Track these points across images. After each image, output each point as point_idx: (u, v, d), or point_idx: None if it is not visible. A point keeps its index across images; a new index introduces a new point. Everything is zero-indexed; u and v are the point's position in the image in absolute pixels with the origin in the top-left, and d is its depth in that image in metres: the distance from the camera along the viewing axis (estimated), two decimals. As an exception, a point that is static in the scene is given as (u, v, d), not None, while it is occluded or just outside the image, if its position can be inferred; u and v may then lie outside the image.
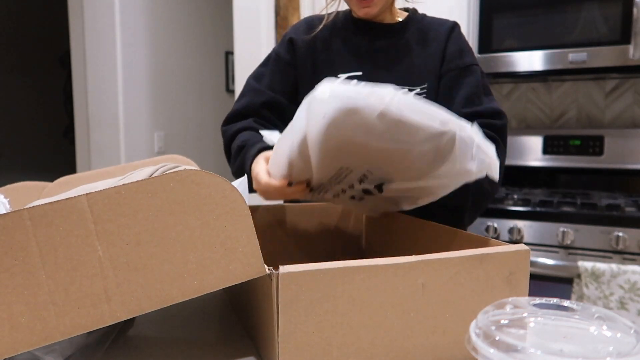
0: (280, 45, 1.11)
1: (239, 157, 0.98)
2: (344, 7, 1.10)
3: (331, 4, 1.10)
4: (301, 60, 1.08)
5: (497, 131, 0.97)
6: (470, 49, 1.05)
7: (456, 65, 1.02)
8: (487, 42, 1.95)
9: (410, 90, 1.02)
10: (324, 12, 1.11)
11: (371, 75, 1.05)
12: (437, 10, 1.20)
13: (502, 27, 1.93)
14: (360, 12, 1.01)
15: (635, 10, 1.72)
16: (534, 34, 1.89)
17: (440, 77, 1.02)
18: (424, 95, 1.03)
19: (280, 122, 1.08)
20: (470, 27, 2.02)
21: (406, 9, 1.11)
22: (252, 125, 1.05)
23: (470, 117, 0.96)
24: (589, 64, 1.81)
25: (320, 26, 1.09)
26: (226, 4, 3.25)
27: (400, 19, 1.08)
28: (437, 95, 1.03)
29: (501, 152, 0.96)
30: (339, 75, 1.06)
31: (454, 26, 1.06)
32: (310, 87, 1.08)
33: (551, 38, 1.86)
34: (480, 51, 1.97)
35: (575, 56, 1.82)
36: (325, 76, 1.07)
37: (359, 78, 1.05)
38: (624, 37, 1.75)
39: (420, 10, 1.13)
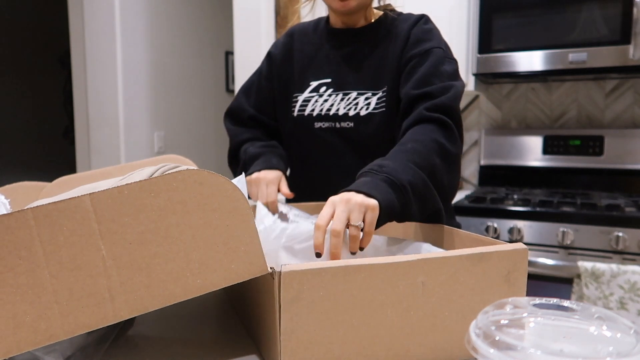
0: (265, 59, 1.19)
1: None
2: (320, 12, 1.15)
3: (306, 3, 1.13)
4: (277, 71, 1.14)
5: (444, 109, 0.93)
6: (434, 35, 1.04)
7: (412, 55, 1.01)
8: (487, 42, 1.96)
9: (373, 94, 1.05)
10: (308, 18, 1.16)
11: (339, 80, 1.08)
12: (438, 10, 1.20)
13: (502, 27, 1.94)
14: (338, 5, 1.00)
15: (635, 10, 1.72)
16: (534, 34, 1.89)
17: (400, 73, 1.03)
18: (384, 100, 1.04)
19: (265, 135, 1.19)
20: (470, 27, 2.02)
21: (384, 8, 1.12)
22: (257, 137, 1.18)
23: (420, 99, 0.96)
24: (589, 64, 1.82)
25: (288, 42, 1.17)
26: (226, 4, 3.26)
27: (374, 20, 1.09)
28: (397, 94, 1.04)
29: (453, 132, 0.93)
30: (310, 83, 1.10)
31: (418, 19, 1.06)
32: (284, 97, 1.13)
33: (551, 38, 1.86)
34: (480, 51, 1.97)
35: (575, 56, 1.83)
36: (298, 83, 1.11)
37: (327, 85, 1.08)
38: (624, 37, 1.76)
39: (421, 11, 1.13)
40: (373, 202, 0.73)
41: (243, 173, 0.89)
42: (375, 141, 1.05)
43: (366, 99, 1.05)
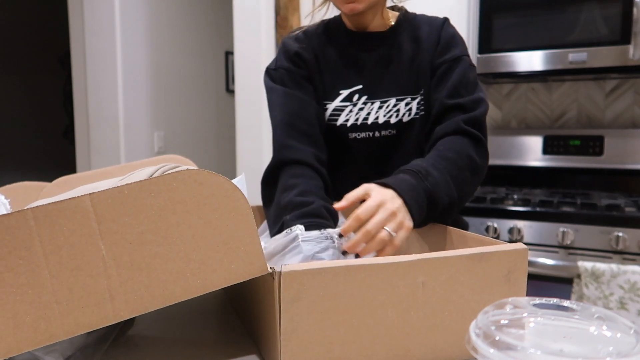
0: (287, 60, 1.06)
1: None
2: (331, 13, 1.09)
3: (319, 7, 1.08)
4: (312, 71, 1.06)
5: (478, 124, 0.97)
6: (459, 40, 1.05)
7: (444, 60, 1.02)
8: (487, 42, 1.96)
9: (412, 99, 1.02)
10: (314, 16, 1.10)
11: (372, 87, 1.04)
12: (437, 10, 1.20)
13: (502, 27, 1.94)
14: (346, 9, 0.97)
15: (635, 10, 1.72)
16: (534, 34, 1.89)
17: (431, 77, 1.03)
18: (423, 103, 1.03)
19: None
20: (470, 27, 2.02)
21: (397, 8, 1.10)
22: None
23: (453, 109, 0.98)
24: (589, 64, 1.81)
25: (299, 32, 1.09)
26: (226, 4, 3.26)
27: (393, 22, 1.06)
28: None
29: (485, 148, 0.97)
30: (340, 92, 1.04)
31: (443, 23, 1.06)
32: (317, 101, 1.06)
33: (551, 38, 1.86)
34: (480, 51, 1.97)
35: (575, 56, 1.83)
36: (328, 91, 1.05)
37: (360, 92, 1.03)
38: (624, 37, 1.76)
39: (421, 11, 1.13)
40: (410, 225, 0.79)
41: (243, 174, 0.89)
42: (415, 147, 1.04)
43: (407, 104, 1.02)
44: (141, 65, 2.79)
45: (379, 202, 0.77)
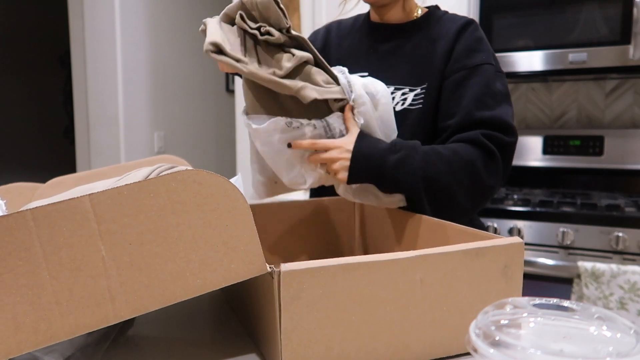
0: None
1: None
2: (363, 9, 1.14)
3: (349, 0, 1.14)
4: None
5: (503, 147, 0.93)
6: (485, 47, 1.01)
7: (463, 65, 0.99)
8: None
9: (410, 90, 1.02)
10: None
11: (373, 75, 1.03)
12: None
13: (502, 27, 1.94)
14: (369, 0, 1.04)
15: (635, 10, 1.72)
16: (534, 34, 1.89)
17: (445, 77, 1.00)
18: (422, 96, 1.01)
19: None
20: (470, 27, 2.02)
21: (428, 5, 1.12)
22: None
23: (478, 124, 0.94)
24: (589, 64, 1.82)
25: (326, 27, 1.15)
26: (226, 4, 3.26)
27: (418, 16, 1.07)
28: (439, 94, 1.01)
29: (497, 167, 0.93)
30: None
31: (466, 24, 1.03)
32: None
33: (551, 38, 1.86)
34: (480, 51, 1.97)
35: (575, 56, 1.83)
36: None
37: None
38: (624, 37, 1.75)
39: None
40: (344, 177, 0.87)
41: (240, 174, 0.89)
42: (407, 138, 1.01)
43: (403, 94, 1.02)
44: (141, 65, 2.79)
45: (338, 145, 0.85)
